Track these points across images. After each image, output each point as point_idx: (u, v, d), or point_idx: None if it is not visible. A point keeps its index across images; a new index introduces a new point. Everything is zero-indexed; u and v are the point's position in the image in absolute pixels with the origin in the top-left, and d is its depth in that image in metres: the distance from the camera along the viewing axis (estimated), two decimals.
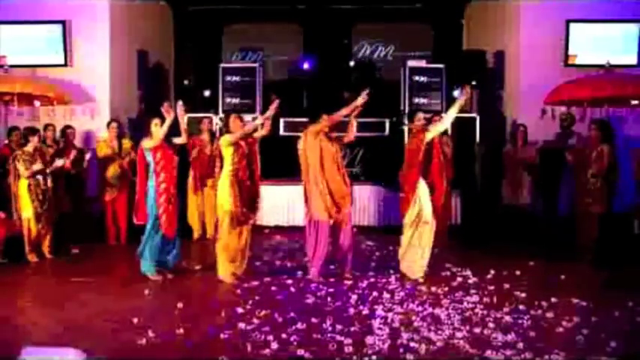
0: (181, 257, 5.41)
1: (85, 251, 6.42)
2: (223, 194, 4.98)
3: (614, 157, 6.23)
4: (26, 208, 5.82)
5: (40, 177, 5.88)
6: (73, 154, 6.40)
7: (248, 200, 5.06)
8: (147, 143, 5.03)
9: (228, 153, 4.99)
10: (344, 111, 5.02)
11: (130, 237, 6.75)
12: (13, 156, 5.87)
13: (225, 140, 5.00)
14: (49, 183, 6.01)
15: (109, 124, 7.01)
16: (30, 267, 5.77)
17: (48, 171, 5.95)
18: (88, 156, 6.59)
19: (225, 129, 5.12)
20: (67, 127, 6.78)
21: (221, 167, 5.21)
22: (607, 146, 6.10)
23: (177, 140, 5.35)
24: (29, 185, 5.82)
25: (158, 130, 5.02)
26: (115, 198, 6.79)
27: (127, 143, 7.00)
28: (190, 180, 7.08)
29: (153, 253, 5.10)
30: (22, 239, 5.86)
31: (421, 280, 5.09)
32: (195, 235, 7.16)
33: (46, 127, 6.85)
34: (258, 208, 5.26)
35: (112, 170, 6.78)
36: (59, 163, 6.04)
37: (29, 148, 5.88)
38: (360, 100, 5.01)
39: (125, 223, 6.82)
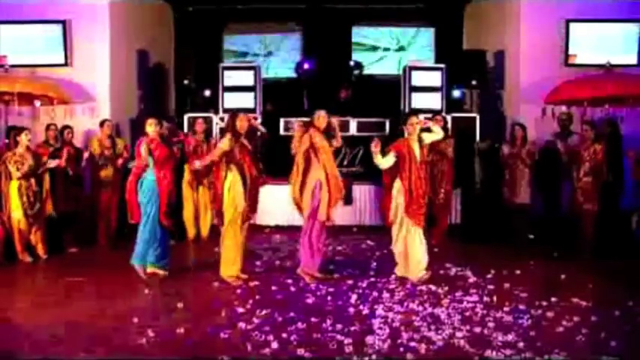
0: (167, 259, 5.34)
1: (84, 251, 6.42)
2: (234, 193, 4.93)
3: (611, 157, 6.27)
4: (16, 209, 5.84)
5: (32, 178, 5.89)
6: (65, 152, 6.34)
7: (251, 198, 5.04)
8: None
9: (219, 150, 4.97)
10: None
11: (119, 236, 6.81)
12: (2, 158, 5.88)
13: (220, 144, 4.98)
14: (47, 184, 6.02)
15: (102, 123, 7.01)
16: (27, 267, 5.77)
17: (39, 171, 5.95)
18: (86, 155, 6.58)
19: (232, 128, 4.97)
20: (65, 127, 6.78)
21: (226, 165, 5.02)
22: (600, 146, 6.16)
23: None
24: (19, 186, 5.83)
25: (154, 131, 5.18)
26: (109, 197, 6.82)
27: (120, 143, 7.01)
28: (186, 177, 7.05)
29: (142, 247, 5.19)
30: (14, 239, 5.88)
31: (424, 279, 5.07)
32: (190, 235, 7.13)
33: (48, 126, 6.88)
34: (256, 208, 5.23)
35: (106, 171, 6.80)
36: (52, 163, 6.02)
37: (20, 148, 5.89)
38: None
39: (115, 222, 6.85)
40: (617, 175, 6.51)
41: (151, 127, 5.19)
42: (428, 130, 5.28)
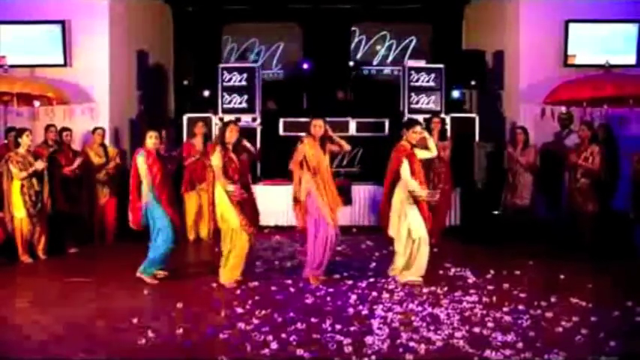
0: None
1: (84, 251, 6.42)
2: (225, 211, 4.88)
3: (609, 157, 6.27)
4: (18, 209, 5.83)
5: (34, 179, 5.88)
6: (77, 163, 6.46)
7: (250, 213, 5.00)
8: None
9: (218, 169, 4.91)
10: None
11: (117, 237, 6.89)
12: (5, 158, 5.87)
13: (213, 162, 4.94)
14: (45, 184, 6.02)
15: (94, 131, 7.03)
16: (27, 267, 5.77)
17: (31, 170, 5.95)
18: (79, 161, 6.56)
19: (221, 138, 4.95)
20: (64, 129, 6.78)
21: (213, 180, 5.03)
22: (597, 147, 6.17)
23: None
24: (22, 186, 5.82)
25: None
26: (106, 199, 6.87)
27: (112, 151, 7.07)
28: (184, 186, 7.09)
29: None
30: (15, 240, 5.88)
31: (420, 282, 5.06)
32: (191, 238, 7.13)
33: (47, 127, 6.87)
34: (259, 220, 5.22)
35: (100, 176, 6.87)
36: (40, 165, 5.92)
37: (22, 149, 5.89)
38: None
39: (113, 224, 6.90)
40: (611, 177, 6.51)
41: (151, 139, 5.08)
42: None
